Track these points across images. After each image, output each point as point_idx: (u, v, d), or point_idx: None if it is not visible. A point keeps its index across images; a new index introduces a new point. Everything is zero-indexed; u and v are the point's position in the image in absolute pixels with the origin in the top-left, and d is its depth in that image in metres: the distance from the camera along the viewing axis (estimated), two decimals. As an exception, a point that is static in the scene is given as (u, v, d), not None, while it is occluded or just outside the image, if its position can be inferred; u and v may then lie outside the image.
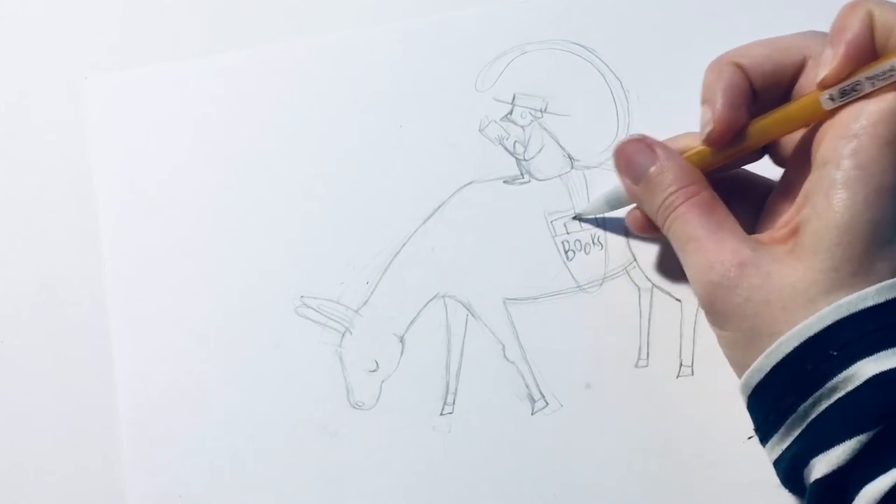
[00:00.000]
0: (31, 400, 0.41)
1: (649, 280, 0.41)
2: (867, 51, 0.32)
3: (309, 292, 0.42)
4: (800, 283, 0.31)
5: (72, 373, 0.42)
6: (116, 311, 0.42)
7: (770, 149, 0.38)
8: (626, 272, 0.41)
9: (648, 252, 0.41)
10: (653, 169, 0.36)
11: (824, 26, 0.35)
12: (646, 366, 0.40)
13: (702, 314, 0.40)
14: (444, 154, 0.43)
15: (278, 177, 0.43)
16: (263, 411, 0.40)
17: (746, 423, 0.35)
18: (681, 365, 0.40)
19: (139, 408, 0.41)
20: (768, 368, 0.32)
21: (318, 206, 0.43)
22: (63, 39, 0.46)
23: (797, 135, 0.36)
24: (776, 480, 0.34)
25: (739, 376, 0.34)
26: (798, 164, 0.35)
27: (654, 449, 0.39)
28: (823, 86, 0.33)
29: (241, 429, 0.40)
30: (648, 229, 0.38)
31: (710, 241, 0.34)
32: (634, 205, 0.39)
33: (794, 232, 0.33)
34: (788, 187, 0.35)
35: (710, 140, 0.35)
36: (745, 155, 0.37)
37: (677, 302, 0.41)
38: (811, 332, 0.31)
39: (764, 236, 0.34)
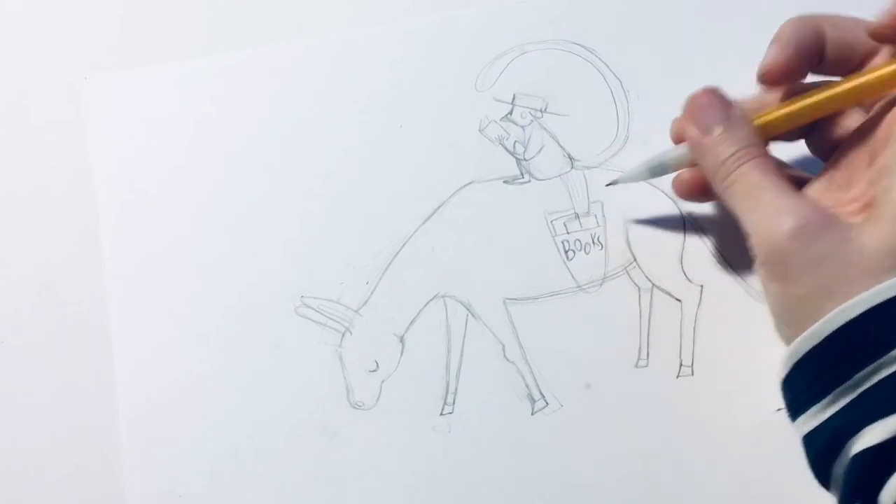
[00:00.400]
0: (31, 400, 0.41)
1: (649, 280, 0.41)
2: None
3: (309, 292, 0.42)
4: (881, 248, 0.31)
5: (72, 373, 0.42)
6: (116, 311, 0.42)
7: (812, 137, 0.38)
8: (626, 272, 0.41)
9: (648, 252, 0.41)
10: (727, 122, 0.35)
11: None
12: (646, 366, 0.40)
13: (702, 314, 0.40)
14: (444, 154, 0.43)
15: (278, 177, 0.43)
16: (263, 411, 0.40)
17: (746, 423, 0.35)
18: (681, 365, 0.40)
19: (139, 408, 0.41)
20: (832, 330, 0.31)
21: (318, 206, 0.43)
22: (63, 39, 0.46)
23: (846, 123, 0.36)
24: (776, 479, 0.34)
25: (787, 341, 0.33)
26: (861, 144, 0.35)
27: (654, 449, 0.39)
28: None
29: (241, 429, 0.40)
30: (696, 193, 0.38)
31: (788, 192, 0.33)
32: (677, 172, 0.38)
33: (869, 205, 0.32)
34: (843, 171, 0.35)
35: (765, 75, 0.35)
36: (800, 127, 0.37)
37: (677, 302, 0.41)
38: (885, 297, 0.30)
39: (839, 210, 0.34)
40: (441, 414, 0.40)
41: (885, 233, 0.31)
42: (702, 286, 0.40)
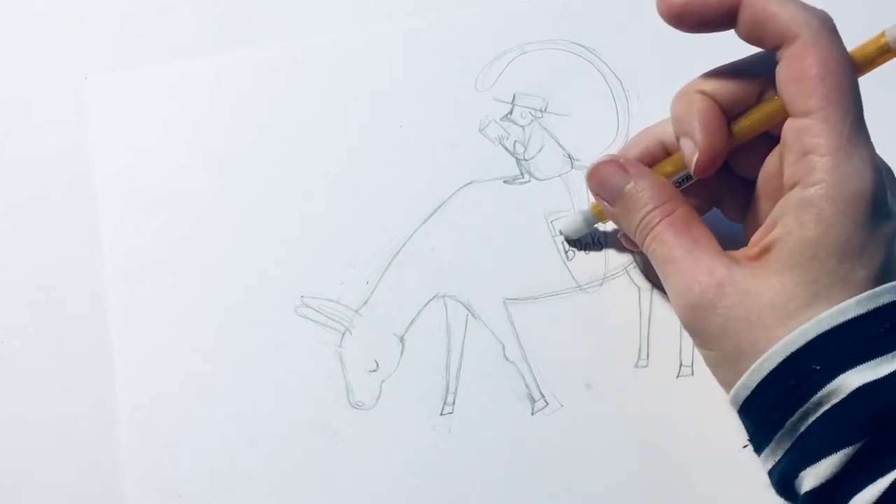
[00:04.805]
0: (31, 400, 0.41)
1: (649, 280, 0.41)
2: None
3: (309, 292, 0.42)
4: (778, 298, 0.31)
5: (72, 373, 0.42)
6: (116, 311, 0.42)
7: (739, 165, 0.38)
8: (626, 272, 0.41)
9: (648, 252, 0.41)
10: (628, 188, 0.36)
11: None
12: (646, 366, 0.40)
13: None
14: (444, 154, 0.43)
15: (278, 176, 0.43)
16: (263, 411, 0.40)
17: (746, 424, 0.35)
18: (681, 365, 0.40)
19: (139, 408, 0.41)
20: (754, 385, 0.32)
21: (318, 206, 0.43)
22: (63, 39, 0.46)
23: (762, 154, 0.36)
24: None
25: (728, 392, 0.34)
26: (763, 190, 0.35)
27: (654, 449, 0.39)
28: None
29: (241, 429, 0.40)
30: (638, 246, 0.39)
31: (686, 262, 0.34)
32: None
33: (765, 250, 0.32)
34: (757, 212, 0.36)
35: (699, 170, 0.35)
36: None
37: (677, 302, 0.41)
38: (793, 349, 0.31)
39: (738, 253, 0.34)
40: (441, 414, 0.40)
41: (781, 281, 0.31)
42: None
